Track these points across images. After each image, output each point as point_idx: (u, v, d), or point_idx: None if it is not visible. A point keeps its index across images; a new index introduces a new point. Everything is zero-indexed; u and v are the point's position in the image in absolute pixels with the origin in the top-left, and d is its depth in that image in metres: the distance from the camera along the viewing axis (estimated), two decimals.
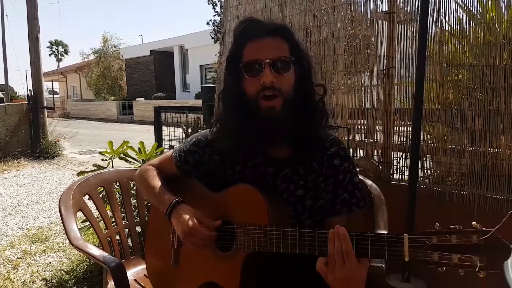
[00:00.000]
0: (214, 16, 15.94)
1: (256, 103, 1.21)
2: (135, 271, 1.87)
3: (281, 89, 1.20)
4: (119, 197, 2.11)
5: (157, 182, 1.43)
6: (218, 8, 15.31)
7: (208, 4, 15.47)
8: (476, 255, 0.87)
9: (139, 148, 2.94)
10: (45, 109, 9.24)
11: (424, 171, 2.42)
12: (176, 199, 1.32)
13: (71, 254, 3.27)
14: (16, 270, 3.07)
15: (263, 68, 1.19)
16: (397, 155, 2.60)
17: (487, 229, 0.88)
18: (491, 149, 2.11)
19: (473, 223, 0.89)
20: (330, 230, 1.05)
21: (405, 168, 2.53)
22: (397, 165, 2.60)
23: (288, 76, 1.21)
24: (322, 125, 1.30)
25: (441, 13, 2.24)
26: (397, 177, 2.58)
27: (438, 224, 0.93)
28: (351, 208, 1.28)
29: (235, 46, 1.27)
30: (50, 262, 3.19)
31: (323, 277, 1.04)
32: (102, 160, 3.04)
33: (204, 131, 1.46)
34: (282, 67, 1.20)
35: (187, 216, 1.25)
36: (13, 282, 2.85)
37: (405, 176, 2.51)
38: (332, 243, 1.03)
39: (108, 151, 2.98)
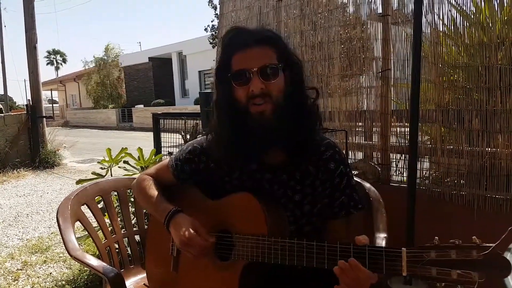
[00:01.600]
0: (212, 21, 15.94)
1: (246, 110, 1.21)
2: (134, 280, 1.86)
3: (271, 95, 1.20)
4: (118, 206, 2.11)
5: (154, 192, 1.43)
6: (218, 10, 15.24)
7: (209, 7, 15.43)
8: (476, 271, 0.85)
9: (138, 156, 2.93)
10: (44, 119, 9.24)
11: (422, 172, 2.42)
12: (174, 209, 1.32)
13: (71, 264, 3.26)
14: (16, 281, 3.06)
15: (251, 76, 1.19)
16: (395, 156, 2.59)
17: (487, 245, 0.86)
18: (489, 149, 2.11)
19: (473, 237, 0.88)
20: (337, 266, 1.02)
21: (404, 169, 2.53)
22: (396, 167, 2.60)
23: (277, 82, 1.21)
24: (316, 129, 1.30)
25: (435, 14, 2.25)
26: (396, 179, 2.58)
27: (437, 237, 0.92)
28: (349, 211, 1.29)
29: (223, 56, 1.27)
30: (50, 273, 3.18)
31: None
32: (101, 168, 3.04)
33: (199, 138, 1.46)
34: (271, 73, 1.20)
35: (185, 226, 1.25)
36: None
37: (404, 177, 2.50)
38: (345, 274, 1.01)
39: (107, 159, 2.97)
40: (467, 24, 2.20)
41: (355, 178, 1.52)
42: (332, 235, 1.27)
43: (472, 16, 2.19)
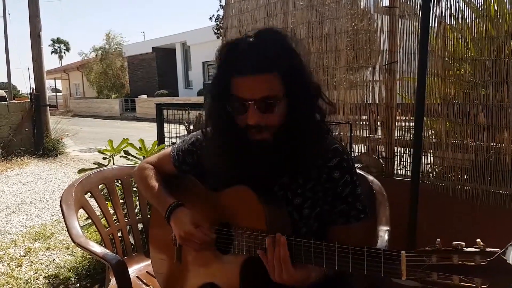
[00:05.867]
0: (217, 11, 15.86)
1: (245, 135, 1.17)
2: (137, 268, 1.87)
3: (268, 126, 1.14)
4: (121, 194, 2.11)
5: (155, 183, 1.43)
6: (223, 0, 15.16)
7: None
8: (479, 277, 0.81)
9: (140, 147, 2.93)
10: (48, 107, 9.25)
11: (426, 167, 2.41)
12: (174, 202, 1.32)
13: (74, 251, 3.28)
14: (19, 267, 3.08)
15: (248, 107, 1.12)
16: (399, 150, 2.58)
17: (492, 250, 0.82)
18: (494, 144, 2.09)
19: (477, 240, 0.84)
20: (269, 236, 1.08)
21: (408, 163, 2.52)
22: (400, 161, 2.59)
23: (276, 114, 1.14)
24: (321, 142, 1.23)
25: (443, 7, 2.22)
26: (399, 173, 2.57)
27: (439, 240, 0.87)
28: (349, 220, 1.24)
29: (222, 72, 1.17)
30: (53, 260, 3.21)
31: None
32: (103, 158, 3.04)
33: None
34: (269, 106, 1.12)
35: (185, 221, 1.26)
36: (16, 279, 2.86)
37: (408, 171, 2.49)
38: (271, 248, 1.06)
39: (108, 149, 2.97)
40: (475, 17, 2.18)
41: (359, 171, 1.50)
42: (331, 239, 1.20)
43: (480, 9, 2.17)
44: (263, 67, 1.10)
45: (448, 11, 2.23)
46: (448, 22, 2.25)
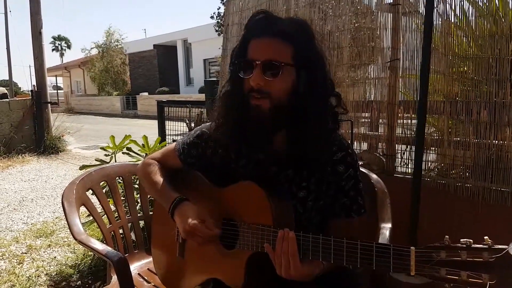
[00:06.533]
0: (218, 8, 15.84)
1: (247, 100, 1.20)
2: (138, 265, 1.87)
3: (270, 93, 1.16)
4: (122, 192, 2.11)
5: (159, 178, 1.42)
6: None
7: None
8: (487, 273, 0.83)
9: (142, 144, 2.92)
10: (49, 104, 9.25)
11: (428, 164, 2.40)
12: (179, 197, 1.31)
13: (75, 248, 3.29)
14: (21, 265, 3.09)
15: (254, 68, 1.16)
16: (401, 147, 2.58)
17: (500, 247, 0.83)
18: (496, 142, 2.09)
19: (485, 237, 0.85)
20: (280, 230, 1.09)
21: (409, 161, 2.51)
22: (401, 158, 2.58)
23: (278, 81, 1.16)
24: (326, 136, 1.24)
25: (447, 5, 2.21)
26: (401, 170, 2.56)
27: (447, 236, 0.89)
28: (350, 214, 1.26)
29: (242, 39, 1.24)
30: (55, 257, 3.21)
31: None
32: (105, 155, 3.04)
33: (208, 123, 1.44)
34: (271, 71, 1.15)
35: (189, 215, 1.25)
36: (18, 277, 2.87)
37: (409, 169, 2.49)
38: (280, 243, 1.07)
39: (111, 145, 2.97)
40: (479, 15, 2.17)
41: (361, 169, 1.50)
42: (334, 232, 1.20)
43: (484, 7, 2.16)
44: (278, 32, 1.16)
45: (452, 9, 2.21)
46: (452, 20, 2.24)
